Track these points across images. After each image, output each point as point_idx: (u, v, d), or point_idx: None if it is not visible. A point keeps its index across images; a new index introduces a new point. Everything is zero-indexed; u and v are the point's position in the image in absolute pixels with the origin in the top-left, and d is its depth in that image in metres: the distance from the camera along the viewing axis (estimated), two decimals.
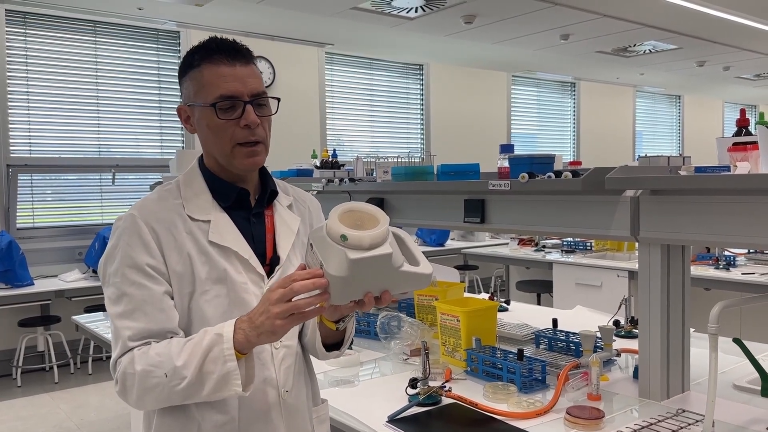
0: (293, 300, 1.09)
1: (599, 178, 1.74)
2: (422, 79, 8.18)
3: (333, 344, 1.37)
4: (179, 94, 1.36)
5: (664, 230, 1.69)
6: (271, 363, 1.30)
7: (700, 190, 1.60)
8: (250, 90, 1.25)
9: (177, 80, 1.36)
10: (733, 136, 1.83)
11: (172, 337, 1.22)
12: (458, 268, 5.92)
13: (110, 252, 1.26)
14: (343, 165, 3.66)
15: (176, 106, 1.35)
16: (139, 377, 1.16)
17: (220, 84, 1.24)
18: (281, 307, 1.09)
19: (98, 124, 5.84)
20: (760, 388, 1.75)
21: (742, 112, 1.90)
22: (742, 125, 1.86)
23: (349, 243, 1.07)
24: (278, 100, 1.32)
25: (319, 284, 1.07)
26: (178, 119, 1.35)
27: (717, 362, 1.45)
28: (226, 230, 1.29)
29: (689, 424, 1.58)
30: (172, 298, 1.25)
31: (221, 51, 1.25)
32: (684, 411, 1.66)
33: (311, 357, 1.45)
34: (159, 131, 6.18)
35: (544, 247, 5.64)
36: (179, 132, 6.28)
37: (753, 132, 1.77)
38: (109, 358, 1.25)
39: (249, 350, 1.16)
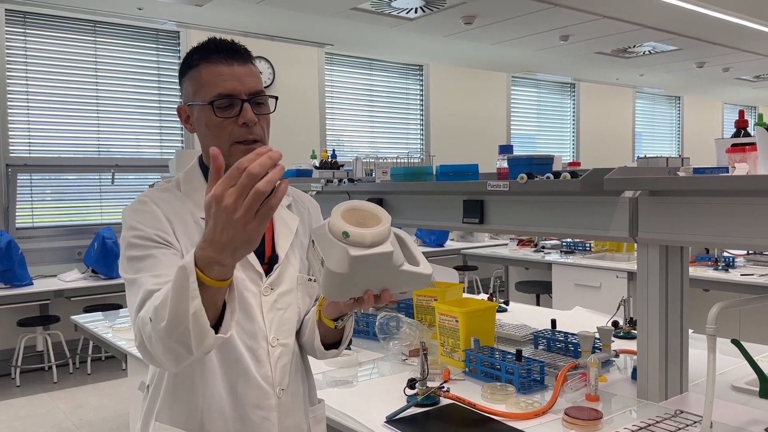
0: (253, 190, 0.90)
1: (598, 179, 1.74)
2: (422, 80, 8.19)
3: (331, 343, 1.37)
4: (179, 94, 1.37)
5: (662, 231, 1.69)
6: (267, 360, 1.30)
7: (699, 191, 1.61)
8: (247, 88, 1.26)
9: (177, 80, 1.36)
10: (732, 137, 1.84)
11: None
12: (457, 268, 5.92)
13: (123, 235, 1.25)
14: (342, 165, 3.67)
15: (175, 107, 1.36)
16: (141, 327, 1.09)
17: (217, 83, 1.25)
18: (244, 206, 0.89)
19: (98, 123, 5.84)
20: (758, 389, 1.75)
21: (741, 113, 1.91)
22: (741, 126, 1.86)
23: (350, 240, 1.07)
24: (276, 98, 1.33)
25: (276, 155, 0.91)
26: (178, 119, 1.36)
27: (715, 363, 1.45)
28: None
29: (687, 425, 1.58)
30: None
31: (219, 51, 1.26)
32: (682, 412, 1.66)
33: (309, 357, 1.45)
34: (158, 131, 6.18)
35: (543, 247, 5.64)
36: (179, 132, 6.28)
37: (752, 133, 1.77)
38: (108, 357, 1.25)
39: (231, 273, 1.00)
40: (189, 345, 1.01)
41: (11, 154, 5.41)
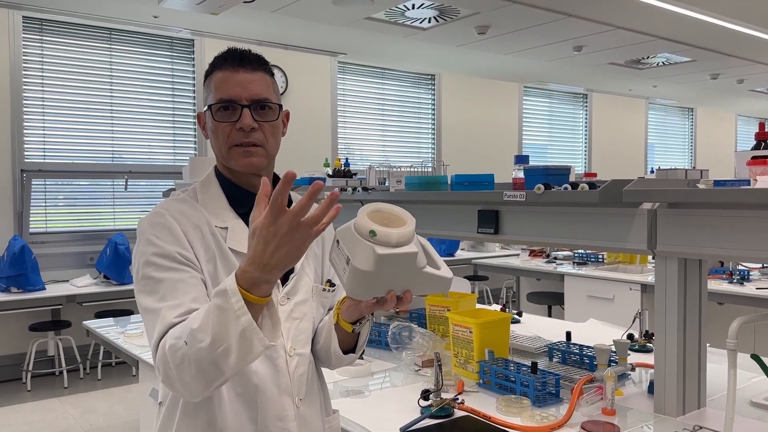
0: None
1: (616, 190, 1.73)
2: (434, 89, 8.19)
3: (346, 349, 1.38)
4: (192, 101, 1.39)
5: (681, 244, 1.67)
6: (286, 370, 1.30)
7: (719, 204, 1.59)
8: (249, 95, 1.27)
9: (190, 88, 1.38)
10: (752, 149, 1.82)
11: None
12: (468, 278, 5.90)
13: (139, 249, 1.24)
14: (355, 174, 3.67)
15: (189, 114, 1.38)
16: (170, 354, 1.09)
17: (221, 88, 1.28)
18: (292, 223, 1.00)
19: (112, 130, 5.87)
20: None
21: (761, 125, 1.88)
22: (762, 139, 1.84)
23: (377, 239, 1.09)
24: (280, 106, 1.33)
25: (317, 186, 1.00)
26: (191, 126, 1.38)
27: (735, 378, 1.43)
28: (242, 237, 1.29)
29: None
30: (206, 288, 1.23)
31: (229, 59, 1.30)
32: (701, 428, 1.64)
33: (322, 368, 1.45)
34: (172, 138, 6.20)
35: (555, 258, 5.61)
36: (192, 139, 6.30)
37: None
38: (119, 363, 1.24)
39: (270, 291, 1.06)
40: (227, 364, 1.06)
41: (26, 160, 5.45)
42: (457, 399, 1.80)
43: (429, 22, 5.72)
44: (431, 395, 1.78)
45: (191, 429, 1.27)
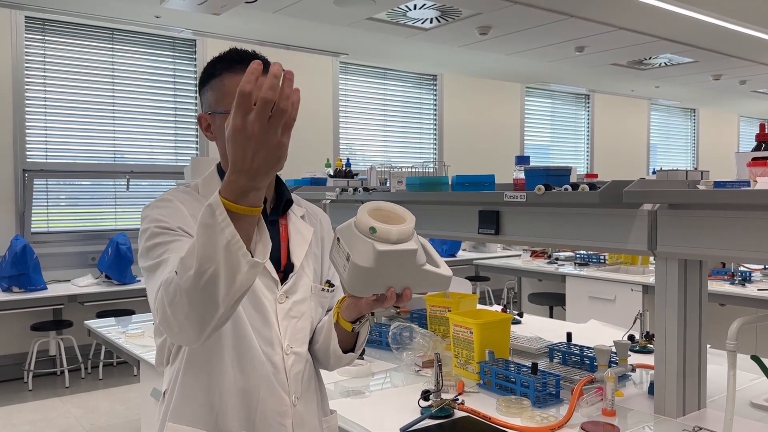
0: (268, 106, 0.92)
1: (617, 191, 1.73)
2: (435, 90, 8.19)
3: (345, 349, 1.38)
4: (195, 102, 1.38)
5: (681, 245, 1.67)
6: (282, 368, 1.31)
7: (719, 205, 1.59)
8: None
9: (193, 88, 1.37)
10: (752, 150, 1.81)
11: None
12: (469, 279, 5.90)
13: (143, 228, 1.25)
14: (356, 174, 3.67)
15: (190, 114, 1.37)
16: (164, 290, 1.05)
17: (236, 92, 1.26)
18: (271, 128, 0.93)
19: (113, 130, 5.88)
20: None
21: (762, 126, 1.88)
22: (762, 140, 1.84)
23: (377, 236, 1.10)
24: None
25: (278, 71, 0.93)
26: (193, 126, 1.37)
27: (735, 379, 1.43)
28: None
29: None
30: None
31: (242, 61, 1.28)
32: (701, 429, 1.64)
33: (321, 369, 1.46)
34: (174, 138, 6.21)
35: (557, 259, 5.61)
36: (194, 139, 6.31)
37: None
38: (120, 363, 1.24)
39: (262, 198, 1.01)
40: (217, 291, 0.99)
41: (28, 160, 5.46)
42: (458, 399, 1.80)
43: (431, 22, 5.72)
44: (431, 396, 1.78)
45: (187, 414, 1.28)
